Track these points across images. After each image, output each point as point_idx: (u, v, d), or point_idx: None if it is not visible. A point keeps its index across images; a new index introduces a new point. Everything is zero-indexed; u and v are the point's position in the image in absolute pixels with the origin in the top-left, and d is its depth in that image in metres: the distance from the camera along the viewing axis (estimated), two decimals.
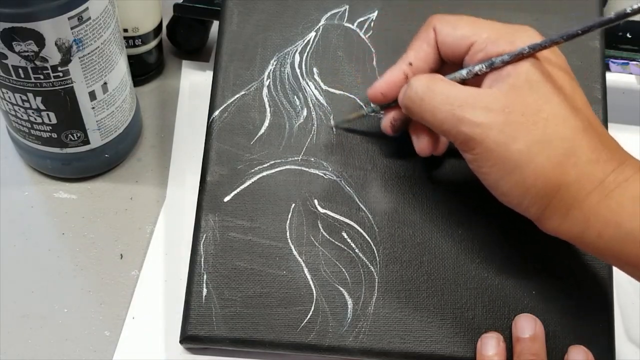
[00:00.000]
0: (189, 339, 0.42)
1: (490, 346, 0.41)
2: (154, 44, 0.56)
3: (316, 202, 0.44)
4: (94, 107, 0.46)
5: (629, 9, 0.32)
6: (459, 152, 0.38)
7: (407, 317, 0.42)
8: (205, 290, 0.42)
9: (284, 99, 0.46)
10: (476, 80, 0.38)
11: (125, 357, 0.43)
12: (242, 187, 0.44)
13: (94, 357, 0.43)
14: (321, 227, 0.43)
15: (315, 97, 0.46)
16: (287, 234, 0.43)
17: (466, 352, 0.41)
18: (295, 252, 0.43)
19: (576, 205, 0.35)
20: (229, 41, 0.48)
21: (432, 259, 0.43)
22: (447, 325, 0.42)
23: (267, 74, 0.47)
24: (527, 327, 0.41)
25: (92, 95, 0.45)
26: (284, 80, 0.47)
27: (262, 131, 0.46)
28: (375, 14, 0.48)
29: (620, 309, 0.46)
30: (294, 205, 0.44)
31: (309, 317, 0.42)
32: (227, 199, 0.44)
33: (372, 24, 0.48)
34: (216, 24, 0.53)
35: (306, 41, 0.48)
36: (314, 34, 0.48)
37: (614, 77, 0.59)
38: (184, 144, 0.54)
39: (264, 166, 0.45)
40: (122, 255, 0.48)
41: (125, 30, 0.53)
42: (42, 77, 0.42)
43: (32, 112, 0.45)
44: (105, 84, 0.46)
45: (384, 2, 0.48)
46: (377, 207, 0.44)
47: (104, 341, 0.44)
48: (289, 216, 0.44)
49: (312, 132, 0.46)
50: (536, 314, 0.41)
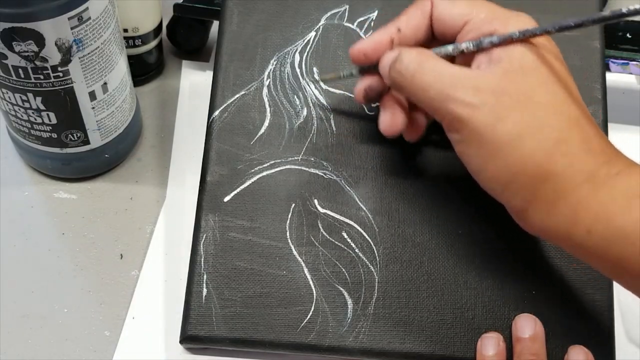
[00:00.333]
0: (189, 339, 0.42)
1: (490, 346, 0.41)
2: (154, 44, 0.56)
3: (316, 202, 0.44)
4: (94, 107, 0.46)
5: (624, 9, 0.32)
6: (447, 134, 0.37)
7: (407, 317, 0.42)
8: (205, 290, 0.42)
9: (284, 99, 0.46)
10: (464, 60, 0.37)
11: (125, 357, 0.43)
12: (242, 187, 0.44)
13: (94, 357, 0.43)
14: (321, 227, 0.43)
15: (315, 96, 0.46)
16: (287, 234, 0.43)
17: (466, 352, 0.41)
18: (295, 252, 0.43)
19: (564, 197, 0.34)
20: (229, 41, 0.48)
21: (432, 259, 0.43)
22: (447, 325, 0.42)
23: (267, 73, 0.47)
24: (527, 327, 0.41)
25: (92, 95, 0.45)
26: (284, 80, 0.47)
27: (262, 131, 0.46)
28: (375, 13, 0.48)
29: (620, 309, 0.46)
30: (294, 205, 0.44)
31: (309, 317, 0.42)
32: (227, 199, 0.44)
33: (372, 24, 0.48)
34: (216, 24, 0.53)
35: (306, 41, 0.48)
36: (314, 34, 0.48)
37: (614, 77, 0.59)
38: (184, 144, 0.54)
39: (264, 166, 0.45)
40: (122, 255, 0.48)
41: (125, 30, 0.53)
42: (42, 77, 0.42)
43: (32, 112, 0.45)
44: (105, 84, 0.46)
45: (384, 2, 0.48)
46: (377, 207, 0.44)
47: (104, 341, 0.44)
48: (289, 216, 0.44)
49: (312, 132, 0.46)
50: (536, 314, 0.41)
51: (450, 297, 0.42)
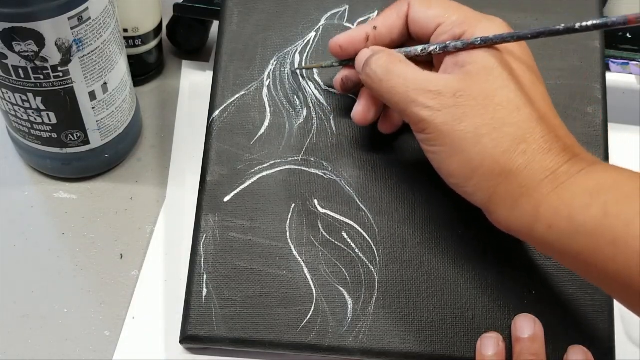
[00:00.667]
0: (189, 339, 0.42)
1: (489, 346, 0.41)
2: (154, 44, 0.56)
3: (316, 202, 0.44)
4: (94, 107, 0.46)
5: (577, 25, 0.33)
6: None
7: (407, 317, 0.42)
8: (205, 290, 0.42)
9: (284, 99, 0.46)
10: (438, 60, 0.39)
11: (125, 357, 0.43)
12: (242, 187, 0.44)
13: (94, 357, 0.43)
14: (321, 227, 0.43)
15: (315, 97, 0.46)
16: (287, 234, 0.43)
17: (466, 352, 0.41)
18: (295, 252, 0.43)
19: (526, 194, 0.35)
20: (229, 41, 0.48)
21: (432, 259, 0.43)
22: (447, 325, 0.42)
23: (267, 74, 0.47)
24: (527, 327, 0.41)
25: (92, 95, 0.45)
26: (284, 80, 0.47)
27: (262, 131, 0.46)
28: (375, 14, 0.48)
29: (620, 309, 0.46)
30: (294, 205, 0.44)
31: (309, 317, 0.42)
32: (227, 199, 0.44)
33: None
34: (216, 24, 0.53)
35: (306, 41, 0.48)
36: (314, 34, 0.48)
37: (614, 77, 0.59)
38: (184, 144, 0.54)
39: (264, 166, 0.45)
40: (122, 255, 0.48)
41: (125, 30, 0.53)
42: (42, 77, 0.42)
43: (32, 112, 0.45)
44: (105, 84, 0.46)
45: (384, 2, 0.48)
46: (377, 207, 0.44)
47: (104, 341, 0.44)
48: (289, 216, 0.44)
49: (312, 132, 0.46)
50: (536, 314, 0.41)
51: (450, 297, 0.42)
